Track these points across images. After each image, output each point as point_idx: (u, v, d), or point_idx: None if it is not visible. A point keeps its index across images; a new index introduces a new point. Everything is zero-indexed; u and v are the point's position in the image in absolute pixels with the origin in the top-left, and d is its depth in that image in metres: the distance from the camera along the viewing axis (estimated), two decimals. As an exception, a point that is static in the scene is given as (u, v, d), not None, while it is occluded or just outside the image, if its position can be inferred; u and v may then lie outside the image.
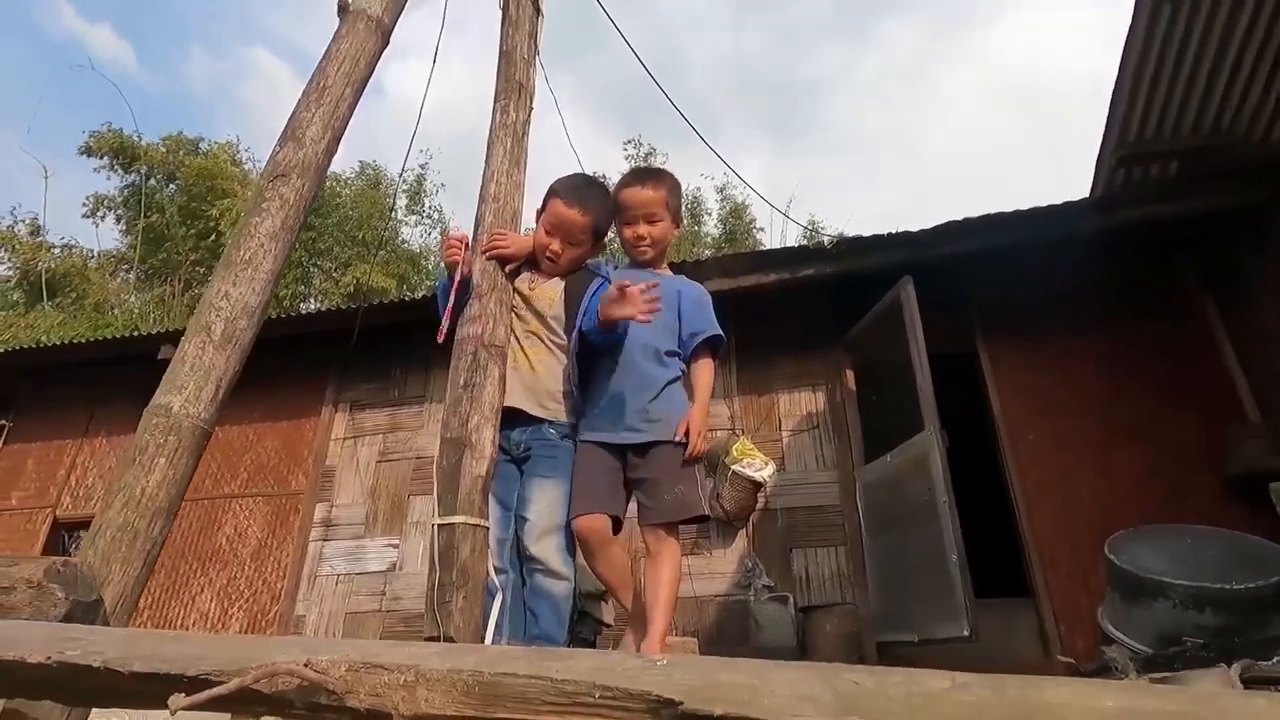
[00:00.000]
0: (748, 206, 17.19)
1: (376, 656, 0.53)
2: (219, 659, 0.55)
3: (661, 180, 2.16)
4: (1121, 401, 4.16)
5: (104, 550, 1.06)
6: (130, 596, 1.07)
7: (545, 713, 0.45)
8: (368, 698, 0.51)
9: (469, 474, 1.75)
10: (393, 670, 0.51)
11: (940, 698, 0.37)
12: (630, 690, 0.43)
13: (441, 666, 0.50)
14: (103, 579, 1.02)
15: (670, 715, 0.41)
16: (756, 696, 0.40)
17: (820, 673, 0.41)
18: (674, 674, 0.43)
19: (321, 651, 0.54)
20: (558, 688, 0.46)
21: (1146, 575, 2.22)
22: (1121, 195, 4.16)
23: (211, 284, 1.34)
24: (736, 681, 0.41)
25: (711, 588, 4.28)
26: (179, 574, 5.22)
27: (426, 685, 0.50)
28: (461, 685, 0.49)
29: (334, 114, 1.54)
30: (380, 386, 5.47)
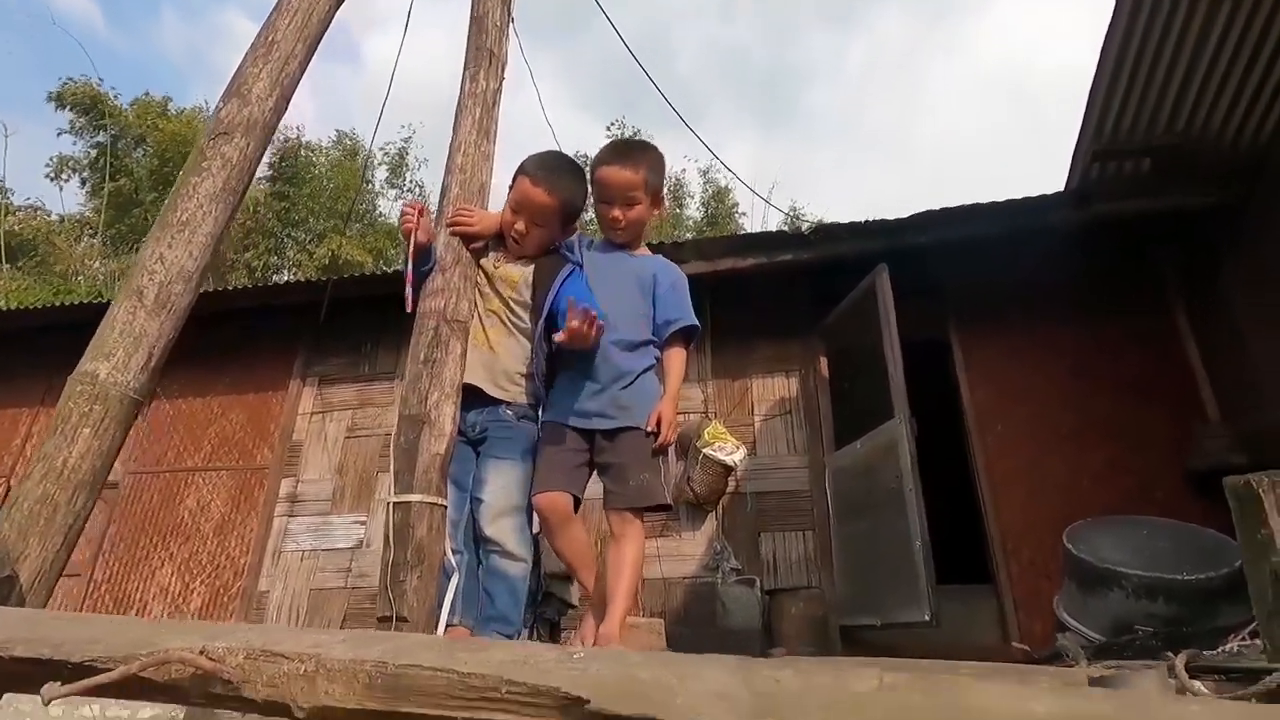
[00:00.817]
0: (730, 191, 17.17)
1: (277, 644, 0.49)
2: (111, 644, 0.51)
3: (641, 158, 2.02)
4: (1089, 395, 4.22)
5: (21, 524, 1.00)
6: (50, 573, 1.01)
7: (451, 708, 0.42)
8: (265, 688, 0.48)
9: (427, 451, 1.71)
10: (292, 659, 0.48)
11: (866, 699, 0.34)
12: (539, 686, 0.40)
13: (344, 656, 0.47)
14: (19, 554, 0.96)
15: (578, 714, 0.39)
16: (670, 696, 0.37)
17: (742, 670, 0.38)
18: (589, 668, 0.40)
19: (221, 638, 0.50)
20: (464, 681, 0.43)
21: (1103, 565, 2.25)
22: (1096, 189, 4.19)
23: (145, 246, 1.27)
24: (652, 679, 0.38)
25: (680, 570, 4.29)
26: (139, 547, 5.11)
27: (327, 677, 0.47)
28: (364, 677, 0.45)
29: (283, 71, 1.46)
30: (350, 361, 5.37)
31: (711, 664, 0.40)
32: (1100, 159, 4.02)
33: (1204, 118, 3.78)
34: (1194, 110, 3.74)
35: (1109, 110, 3.77)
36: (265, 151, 1.47)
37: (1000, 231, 4.24)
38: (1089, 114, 3.86)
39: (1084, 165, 4.10)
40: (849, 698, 0.35)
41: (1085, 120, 3.93)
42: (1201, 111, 3.75)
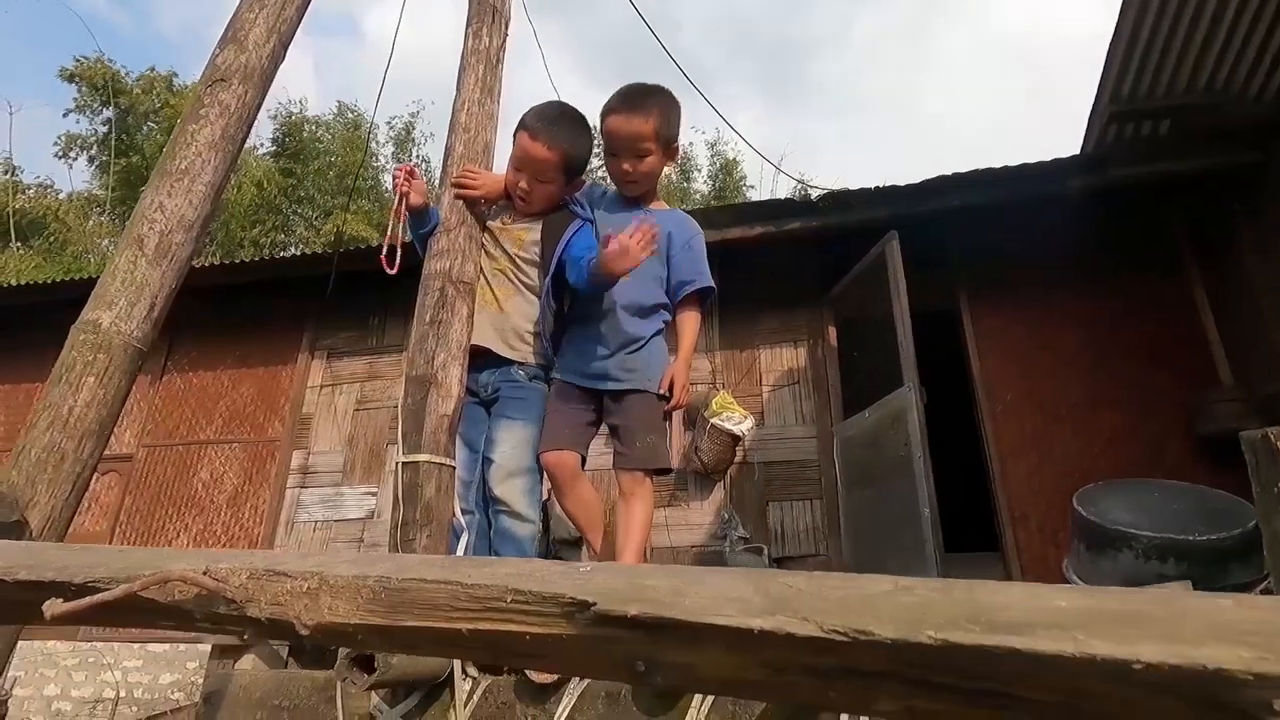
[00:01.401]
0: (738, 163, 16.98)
1: (280, 564, 0.49)
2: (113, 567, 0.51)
3: (651, 105, 1.87)
4: (1099, 362, 4.17)
5: (29, 471, 1.00)
6: (59, 520, 1.02)
7: (456, 619, 0.42)
8: (269, 606, 0.47)
9: (434, 412, 1.70)
10: (295, 578, 0.47)
11: (880, 598, 0.33)
12: (544, 594, 0.39)
13: (347, 573, 0.46)
14: (28, 501, 0.97)
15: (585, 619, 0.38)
16: (679, 598, 0.36)
17: (752, 577, 0.37)
18: (595, 578, 0.39)
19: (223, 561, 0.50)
20: (469, 593, 0.42)
21: (1112, 526, 2.24)
22: (1112, 153, 4.10)
23: (144, 195, 1.25)
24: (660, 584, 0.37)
25: (687, 539, 4.32)
26: (154, 519, 5.19)
27: (330, 593, 0.46)
28: (367, 592, 0.45)
29: (279, 17, 1.43)
30: (359, 334, 5.39)
31: (721, 573, 0.39)
32: (1118, 120, 3.93)
33: (1226, 76, 3.68)
34: (1215, 69, 3.64)
35: (1128, 70, 3.67)
36: (263, 100, 1.45)
37: (1012, 198, 4.17)
38: (1106, 74, 3.77)
39: (1100, 128, 4.02)
40: (863, 597, 0.34)
41: (1103, 81, 3.84)
42: (1224, 70, 3.65)
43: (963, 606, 0.31)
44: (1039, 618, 0.30)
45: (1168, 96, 3.84)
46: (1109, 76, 3.79)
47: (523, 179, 1.95)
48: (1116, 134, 4.07)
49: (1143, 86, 3.81)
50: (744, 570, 0.40)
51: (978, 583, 0.34)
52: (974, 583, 0.34)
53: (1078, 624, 0.29)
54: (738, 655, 0.34)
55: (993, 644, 0.29)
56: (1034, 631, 0.29)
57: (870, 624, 0.31)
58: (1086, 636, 0.28)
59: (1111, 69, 3.74)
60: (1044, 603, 0.31)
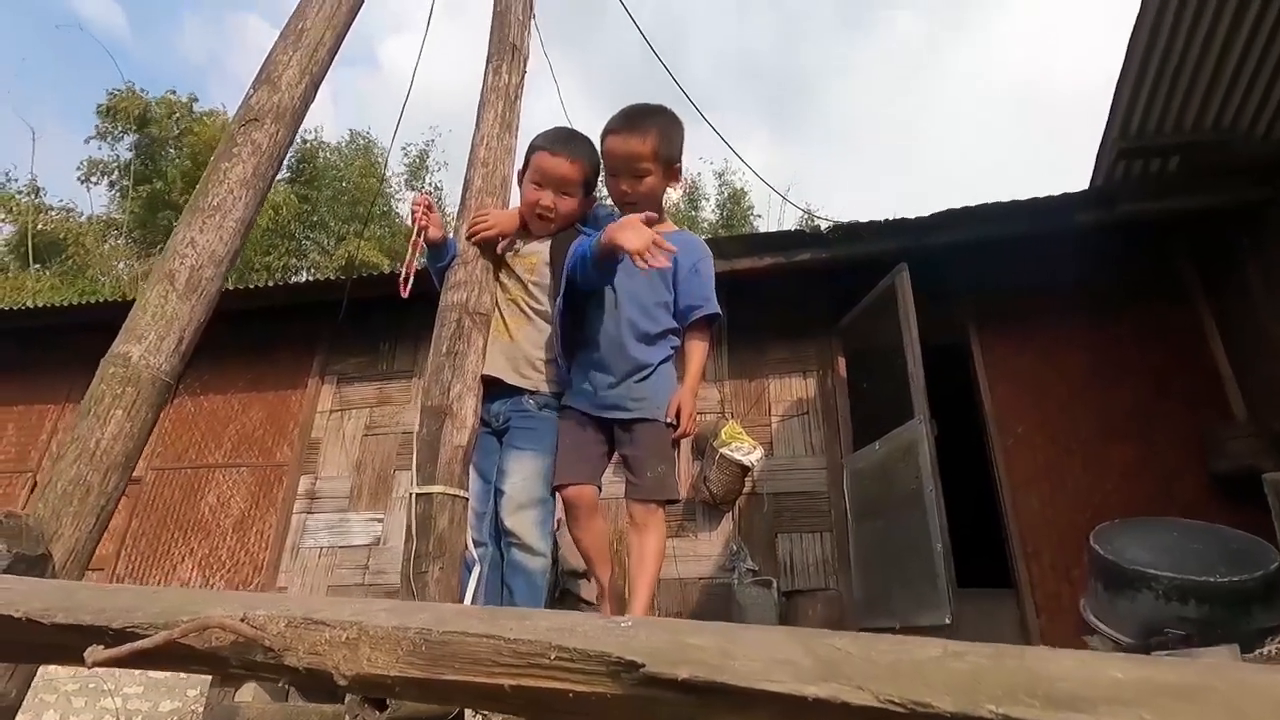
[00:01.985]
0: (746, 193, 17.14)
1: (318, 612, 0.49)
2: (150, 611, 0.51)
3: (649, 125, 1.85)
4: (1111, 396, 4.15)
5: (55, 504, 1.01)
6: (83, 553, 1.02)
7: (498, 674, 0.41)
8: (307, 655, 0.47)
9: (449, 443, 1.71)
10: (334, 627, 0.47)
11: (931, 665, 0.33)
12: (589, 651, 0.39)
13: (387, 624, 0.46)
14: (52, 534, 0.97)
15: (632, 679, 0.38)
16: (727, 660, 0.36)
17: (798, 637, 0.37)
18: (638, 635, 0.39)
19: (260, 606, 0.50)
20: (511, 648, 0.42)
21: (1130, 566, 2.21)
22: (1121, 189, 4.13)
23: (177, 230, 1.28)
24: (706, 644, 0.37)
25: (696, 570, 4.27)
26: (160, 542, 5.17)
27: (370, 644, 0.46)
28: (407, 644, 0.45)
29: (312, 59, 1.47)
30: (369, 360, 5.41)
31: (762, 632, 0.39)
32: (1126, 156, 3.97)
33: (1233, 114, 3.71)
34: (1223, 106, 3.68)
35: (1135, 107, 3.72)
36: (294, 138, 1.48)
37: (1022, 231, 4.19)
38: (1115, 111, 3.81)
39: (1109, 163, 4.05)
40: (913, 663, 0.34)
41: (1111, 118, 3.88)
42: (1231, 107, 3.69)
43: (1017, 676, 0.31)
44: (1097, 691, 0.29)
45: (1176, 133, 3.88)
46: (1117, 113, 3.84)
47: (545, 195, 1.97)
48: (1125, 170, 4.11)
49: (1151, 123, 3.85)
50: (788, 631, 0.39)
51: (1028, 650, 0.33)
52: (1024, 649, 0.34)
53: (1138, 699, 0.29)
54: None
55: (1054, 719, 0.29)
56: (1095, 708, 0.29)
57: (926, 694, 0.31)
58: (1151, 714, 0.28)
59: (1120, 106, 3.79)
60: (1099, 674, 0.31)
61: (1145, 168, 4.12)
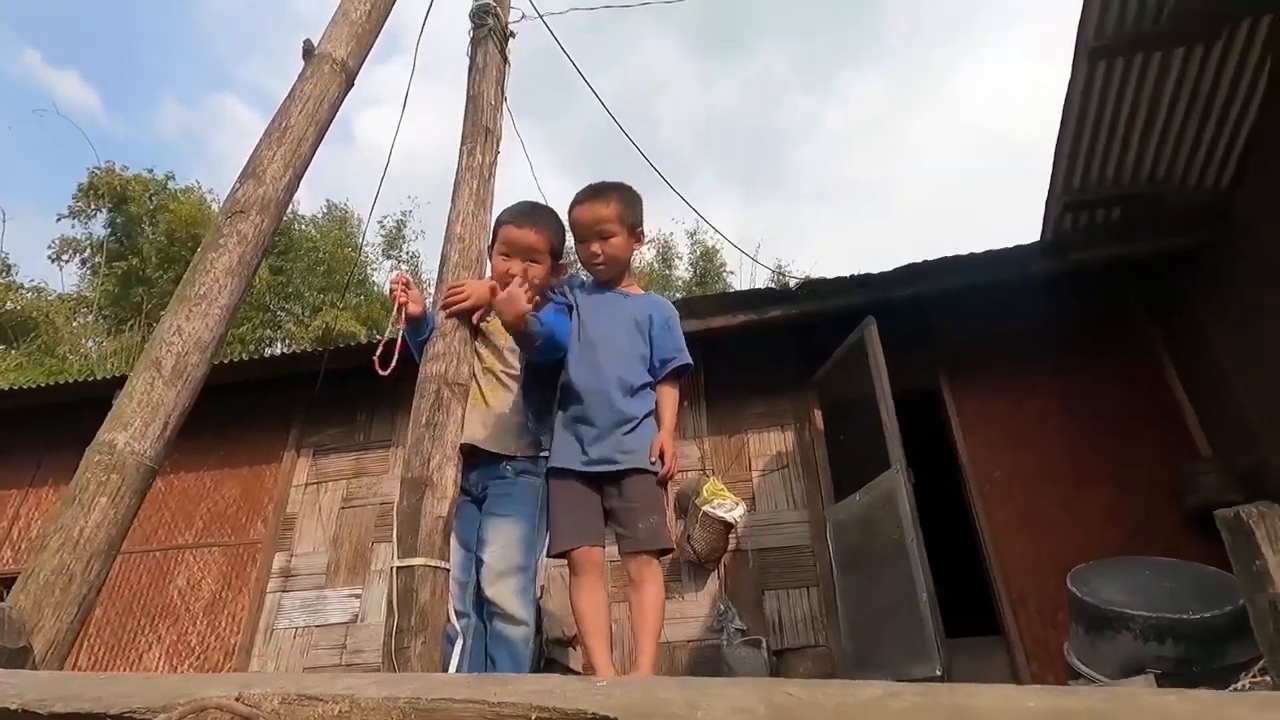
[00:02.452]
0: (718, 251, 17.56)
1: (311, 689, 0.51)
2: (147, 696, 0.53)
3: (611, 194, 2.06)
4: (1082, 439, 4.25)
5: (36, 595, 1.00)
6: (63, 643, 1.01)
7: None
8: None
9: (430, 514, 1.71)
10: (327, 701, 0.49)
11: (873, 705, 0.37)
12: (567, 710, 0.42)
13: (378, 695, 0.49)
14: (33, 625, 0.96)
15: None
16: (692, 711, 0.39)
17: (759, 687, 0.40)
18: (614, 693, 0.42)
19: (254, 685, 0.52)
20: (495, 711, 0.44)
21: (1108, 608, 2.24)
22: (1070, 239, 4.34)
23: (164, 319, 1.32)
24: (675, 697, 0.40)
25: (684, 632, 4.20)
26: (125, 630, 4.96)
27: (361, 715, 0.48)
28: (397, 713, 0.47)
29: (295, 153, 1.55)
30: (345, 430, 5.36)
31: (729, 684, 0.43)
32: (1071, 209, 4.19)
33: (1167, 166, 3.97)
34: (1156, 159, 3.93)
35: (1075, 163, 3.96)
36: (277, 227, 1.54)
37: (981, 282, 4.36)
38: (1056, 168, 4.05)
39: (1056, 216, 4.27)
40: (857, 703, 0.37)
41: (1054, 174, 4.12)
42: (1164, 161, 3.94)
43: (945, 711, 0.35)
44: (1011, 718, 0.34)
45: (1115, 186, 4.13)
46: (1059, 170, 4.08)
47: (514, 264, 2.05)
48: (1073, 221, 4.34)
49: (1091, 177, 4.09)
50: (751, 681, 0.43)
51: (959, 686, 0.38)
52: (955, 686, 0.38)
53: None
54: (749, 764, 0.38)
55: (973, 747, 0.33)
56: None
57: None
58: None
59: (1060, 162, 4.03)
60: (1016, 704, 0.35)
61: (1091, 219, 4.35)
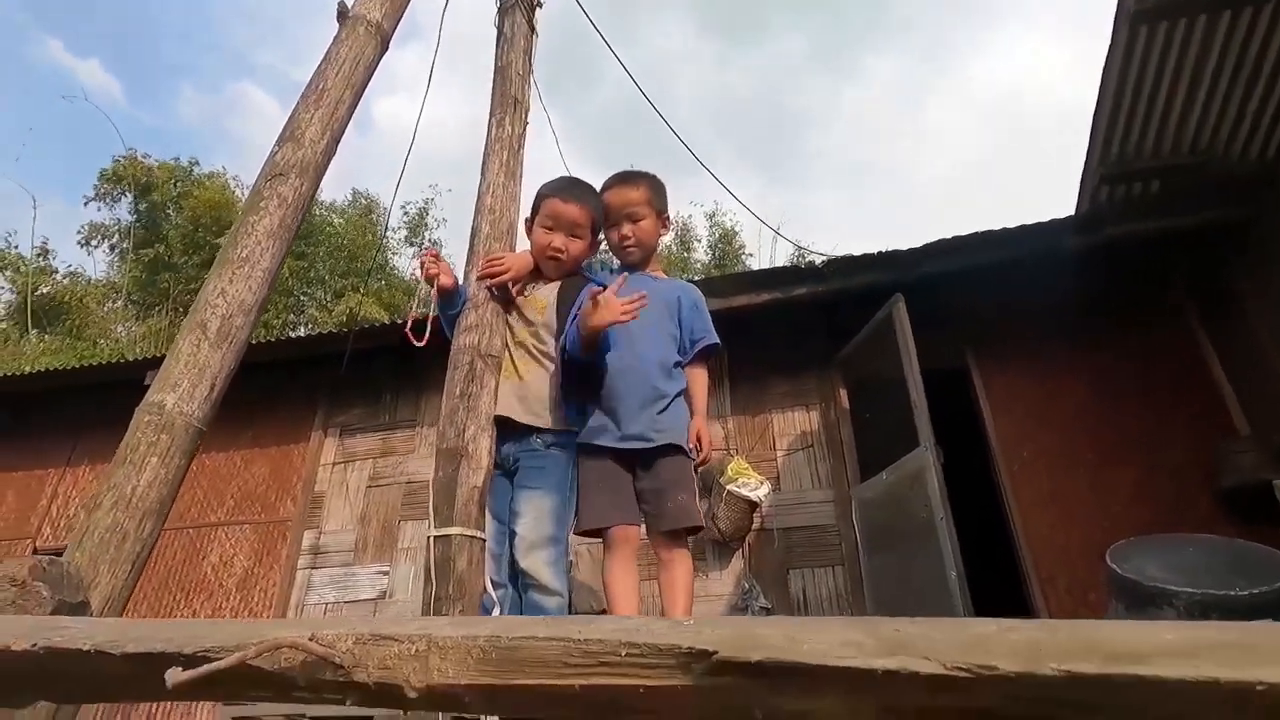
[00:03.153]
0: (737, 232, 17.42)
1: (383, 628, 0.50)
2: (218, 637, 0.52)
3: (641, 179, 2.15)
4: (1113, 417, 4.17)
5: (92, 552, 1.02)
6: (118, 599, 1.02)
7: (568, 675, 0.43)
8: (377, 671, 0.48)
9: (465, 484, 1.72)
10: (402, 641, 0.48)
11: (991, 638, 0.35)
12: (659, 645, 0.41)
13: (455, 634, 0.48)
14: (89, 581, 0.97)
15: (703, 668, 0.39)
16: (795, 644, 0.38)
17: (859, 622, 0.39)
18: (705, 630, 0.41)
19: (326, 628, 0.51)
20: (581, 648, 0.43)
21: (1151, 584, 2.19)
22: (1105, 213, 4.23)
23: (207, 281, 1.32)
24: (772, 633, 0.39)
25: (708, 611, 4.20)
26: (162, 604, 5.08)
27: (439, 654, 0.47)
28: (477, 652, 0.46)
29: (333, 116, 1.54)
30: (371, 410, 5.41)
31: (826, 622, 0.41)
32: (1109, 181, 4.08)
33: (1210, 136, 3.84)
34: (1199, 129, 3.80)
35: (1114, 134, 3.84)
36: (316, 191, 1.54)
37: (1012, 258, 4.27)
38: (1094, 138, 3.93)
39: (1093, 189, 4.16)
40: (973, 637, 0.35)
41: (1090, 145, 4.00)
42: (1207, 130, 3.81)
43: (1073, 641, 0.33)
44: (1152, 649, 0.32)
45: (1155, 157, 4.00)
46: (1096, 140, 3.96)
47: (556, 237, 2.08)
48: (1109, 194, 4.22)
49: (1129, 149, 3.97)
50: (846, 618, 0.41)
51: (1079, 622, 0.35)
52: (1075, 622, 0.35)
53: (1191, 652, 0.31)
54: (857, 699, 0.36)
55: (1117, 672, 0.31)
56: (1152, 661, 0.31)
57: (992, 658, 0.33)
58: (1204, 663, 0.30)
59: (1098, 134, 3.91)
60: (1151, 635, 0.33)
61: (1128, 191, 4.23)
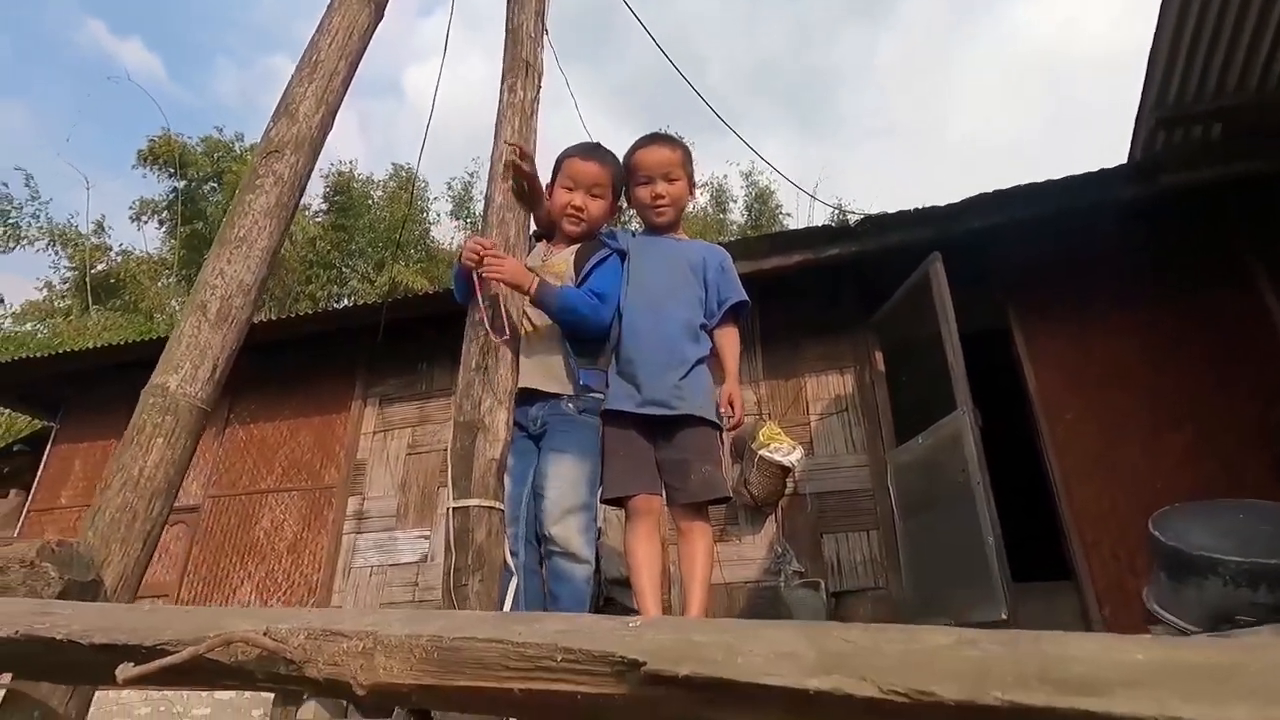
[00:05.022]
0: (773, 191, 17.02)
1: (336, 624, 0.49)
2: (179, 629, 0.53)
3: (676, 143, 2.14)
4: (1167, 377, 3.98)
5: (104, 531, 1.05)
6: (132, 577, 1.06)
7: (508, 679, 0.41)
8: (326, 667, 0.48)
9: (483, 456, 1.72)
10: (351, 638, 0.48)
11: (942, 653, 0.32)
12: (594, 652, 0.39)
13: (400, 633, 0.47)
14: (103, 560, 1.01)
15: (635, 679, 0.37)
16: (730, 656, 0.35)
17: (807, 631, 0.36)
18: (644, 634, 0.38)
19: (284, 620, 0.51)
20: (519, 651, 0.42)
21: (1196, 552, 2.10)
22: (1162, 159, 3.97)
23: (206, 263, 1.33)
24: (711, 641, 0.36)
25: (741, 574, 4.22)
26: (219, 567, 5.34)
27: (385, 653, 0.46)
28: (420, 652, 0.45)
29: (327, 88, 1.52)
30: (408, 380, 5.52)
31: (773, 627, 0.38)
32: (1165, 126, 3.82)
33: (1277, 76, 3.55)
34: (1267, 66, 3.51)
35: (1172, 72, 3.58)
36: (314, 167, 1.53)
37: (1059, 211, 4.06)
38: (1150, 80, 3.67)
39: (1147, 135, 3.91)
40: (924, 651, 0.32)
41: (1146, 88, 3.74)
42: (1275, 68, 3.52)
43: (1030, 662, 0.30)
44: (1115, 674, 0.28)
45: (1216, 99, 3.72)
46: (1153, 82, 3.70)
47: (576, 195, 2.06)
48: (1165, 140, 3.95)
49: (1189, 91, 3.70)
50: (799, 624, 0.38)
51: (1045, 634, 0.32)
52: (1041, 635, 0.32)
53: (1159, 680, 0.27)
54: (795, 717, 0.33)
55: (1064, 705, 0.27)
56: (1111, 691, 0.27)
57: (931, 683, 0.30)
58: (1170, 696, 0.26)
59: (1155, 75, 3.65)
60: (1119, 656, 0.29)
61: (1186, 136, 3.95)
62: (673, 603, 4.27)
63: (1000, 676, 0.29)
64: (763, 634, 0.38)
